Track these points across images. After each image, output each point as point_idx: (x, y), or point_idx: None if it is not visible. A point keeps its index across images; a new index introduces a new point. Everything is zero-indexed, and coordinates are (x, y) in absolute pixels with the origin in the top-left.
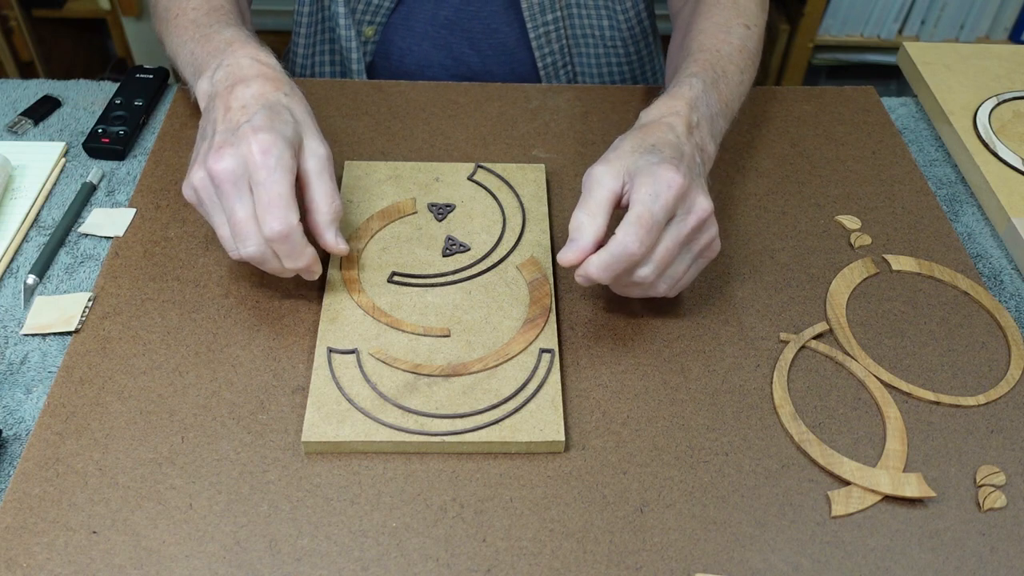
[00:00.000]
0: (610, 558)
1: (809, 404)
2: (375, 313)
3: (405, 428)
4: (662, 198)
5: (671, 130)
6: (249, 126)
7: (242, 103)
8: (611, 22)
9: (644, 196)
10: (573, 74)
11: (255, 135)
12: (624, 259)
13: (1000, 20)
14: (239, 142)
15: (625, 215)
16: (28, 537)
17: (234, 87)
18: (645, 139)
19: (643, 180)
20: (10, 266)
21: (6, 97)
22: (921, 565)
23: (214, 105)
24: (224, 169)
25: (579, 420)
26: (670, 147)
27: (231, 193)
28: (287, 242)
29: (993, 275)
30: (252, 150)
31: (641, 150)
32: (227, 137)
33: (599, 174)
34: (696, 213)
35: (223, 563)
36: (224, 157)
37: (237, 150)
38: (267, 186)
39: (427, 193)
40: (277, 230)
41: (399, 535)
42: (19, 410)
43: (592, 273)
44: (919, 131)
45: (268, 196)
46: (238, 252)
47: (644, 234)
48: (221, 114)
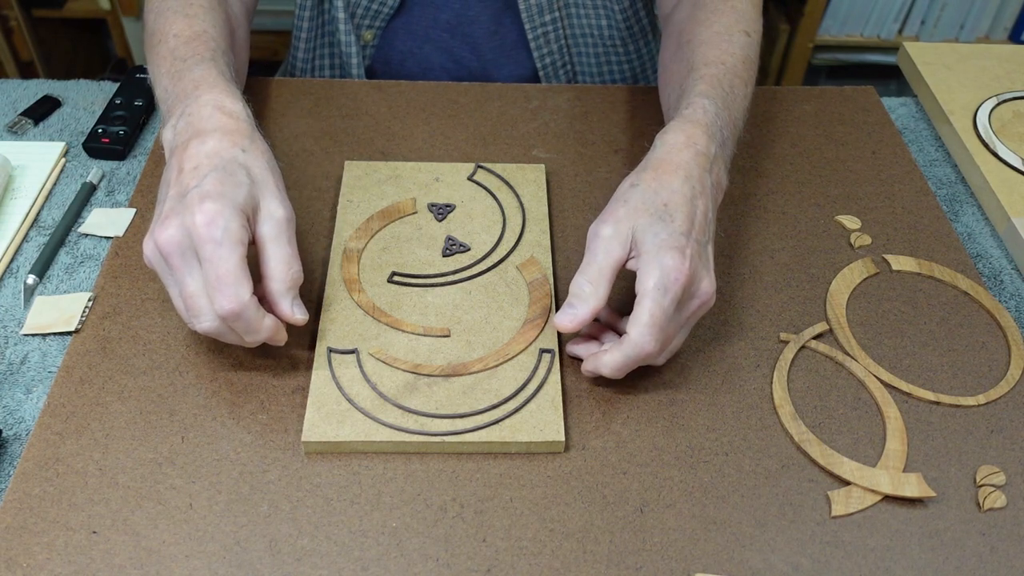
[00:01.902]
0: (610, 558)
1: (809, 404)
2: (375, 313)
3: (405, 428)
4: (671, 292)
5: (688, 178)
6: (197, 192)
7: (194, 164)
8: (609, 21)
9: (653, 291)
10: (573, 74)
11: (200, 204)
12: (640, 359)
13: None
14: (184, 211)
15: (636, 310)
16: (28, 537)
17: (189, 143)
18: (659, 192)
19: (651, 268)
20: (10, 266)
21: (6, 97)
22: (921, 565)
23: (171, 163)
24: (169, 240)
25: (579, 420)
26: (683, 211)
27: (179, 266)
28: (240, 319)
29: (993, 275)
30: (196, 221)
31: (651, 212)
32: (174, 204)
33: (606, 238)
34: (700, 298)
35: (223, 563)
36: (169, 227)
37: (182, 220)
38: (214, 262)
39: (427, 193)
40: (228, 309)
41: (399, 535)
42: (19, 410)
43: (605, 373)
44: (919, 131)
45: (216, 273)
46: (194, 328)
47: (659, 333)
48: (175, 175)
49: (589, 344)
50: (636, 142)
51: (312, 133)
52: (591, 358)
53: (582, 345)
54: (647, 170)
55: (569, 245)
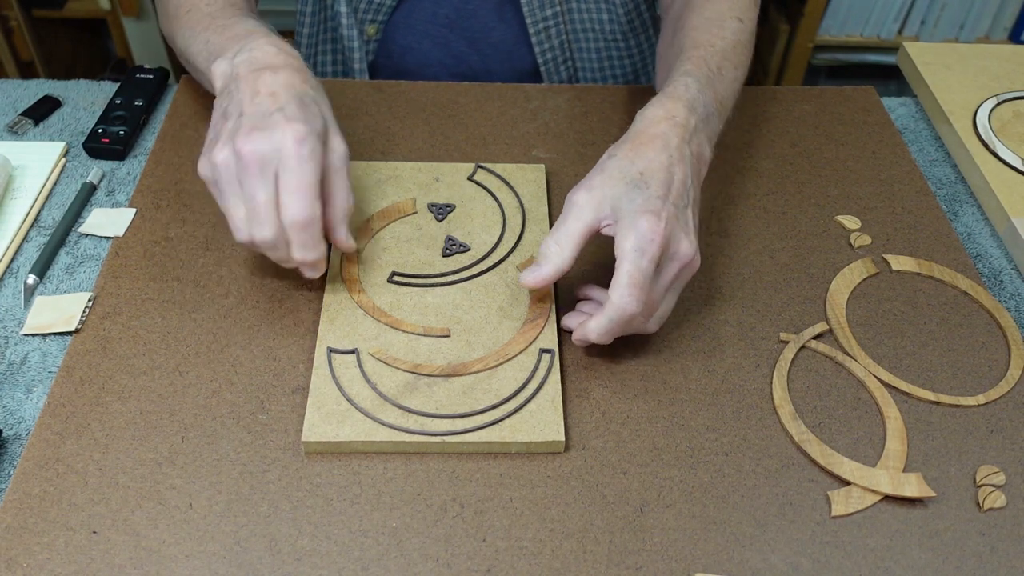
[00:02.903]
0: (610, 558)
1: (809, 404)
2: (375, 313)
3: (405, 428)
4: (648, 253)
5: (665, 147)
6: (282, 115)
7: (271, 90)
8: (611, 15)
9: (631, 253)
10: (573, 70)
11: (289, 124)
12: (623, 321)
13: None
14: (272, 129)
15: (616, 274)
16: (28, 537)
17: (261, 72)
18: (635, 162)
19: (627, 232)
20: (10, 266)
21: (6, 97)
22: (921, 565)
23: (237, 87)
24: (254, 151)
25: (579, 420)
26: (658, 177)
27: (255, 176)
28: (307, 231)
29: (993, 275)
30: (287, 138)
31: (627, 180)
32: (257, 122)
33: (578, 204)
34: (679, 260)
35: (223, 563)
36: (255, 140)
37: (270, 136)
38: (298, 175)
39: (427, 193)
40: (302, 216)
41: (399, 535)
42: (19, 410)
43: (593, 339)
44: (919, 131)
45: (298, 183)
46: (250, 236)
47: (639, 293)
48: (248, 96)
49: (579, 315)
50: None
51: None
52: (579, 327)
53: (572, 317)
54: (626, 142)
55: None
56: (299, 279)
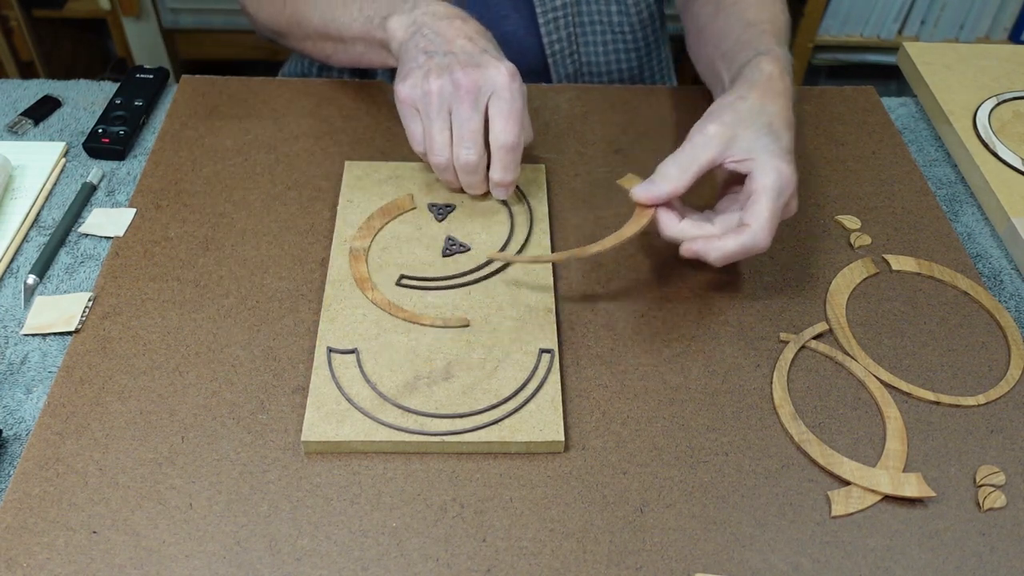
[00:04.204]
0: (610, 558)
1: (809, 404)
2: (391, 309)
3: (405, 428)
4: (783, 196)
5: (786, 105)
6: (489, 55)
7: (467, 35)
8: (620, 7)
9: (771, 191)
10: (579, 63)
11: (500, 63)
12: (752, 251)
13: (1000, 20)
14: (486, 66)
15: (754, 206)
16: (28, 537)
17: (451, 20)
18: (763, 112)
19: (768, 171)
20: (10, 266)
21: (6, 97)
22: (921, 565)
23: (433, 31)
24: (473, 82)
25: (579, 420)
26: (785, 130)
27: (470, 104)
28: (513, 153)
29: (993, 275)
30: (501, 73)
31: (760, 125)
32: (470, 59)
33: (709, 135)
34: (788, 213)
35: (223, 563)
36: (472, 74)
37: (485, 71)
38: (510, 103)
39: (427, 193)
40: (512, 140)
41: (399, 535)
42: (19, 410)
43: (712, 258)
44: (919, 131)
45: (510, 110)
46: (454, 158)
47: (772, 229)
48: (447, 39)
49: (702, 224)
50: (636, 142)
51: (312, 133)
52: (702, 240)
53: (690, 224)
54: (753, 88)
55: (569, 245)
56: (298, 279)
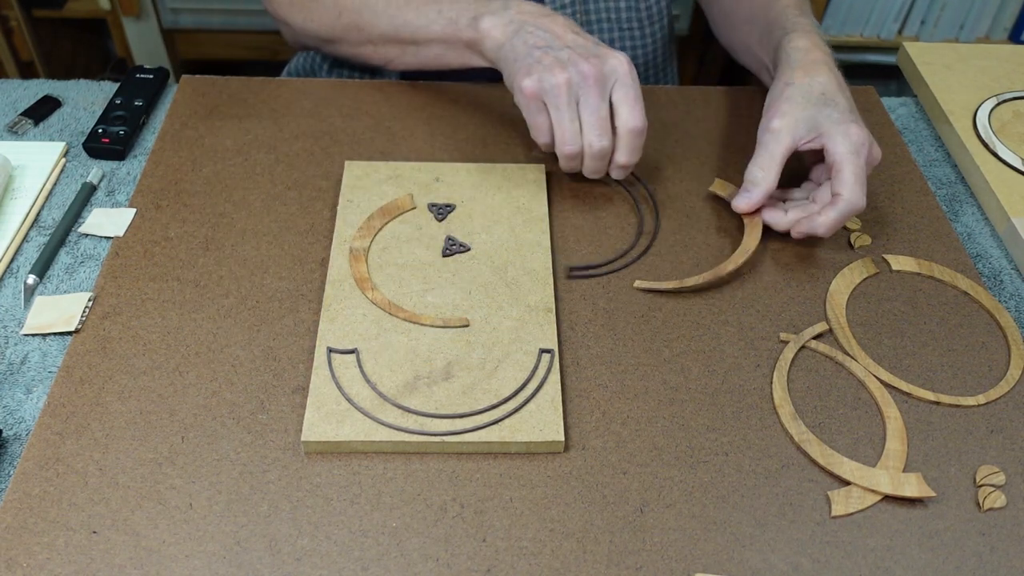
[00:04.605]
0: (610, 558)
1: (809, 404)
2: (391, 309)
3: (405, 428)
4: (862, 154)
5: (829, 71)
6: (601, 47)
7: (573, 29)
8: (628, 3)
9: (850, 155)
10: None
11: (616, 53)
12: (851, 214)
13: (1000, 20)
14: (605, 57)
15: (840, 174)
16: (28, 537)
17: (551, 16)
18: (812, 87)
19: (838, 139)
20: (10, 266)
21: (6, 97)
22: (921, 565)
23: (537, 27)
24: (598, 72)
25: (579, 420)
26: (838, 95)
27: (598, 94)
28: (640, 137)
29: (993, 275)
30: (622, 62)
31: (814, 101)
32: (587, 52)
33: (776, 130)
34: (873, 162)
35: (223, 563)
36: (595, 64)
37: (606, 61)
38: (634, 89)
39: (427, 193)
40: (639, 124)
41: (399, 535)
42: (19, 410)
43: (820, 232)
44: (919, 131)
45: (635, 96)
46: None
47: (863, 189)
48: (558, 34)
49: (805, 207)
50: None
51: (312, 133)
52: (804, 220)
53: (795, 212)
54: (795, 71)
55: (569, 245)
56: (298, 279)
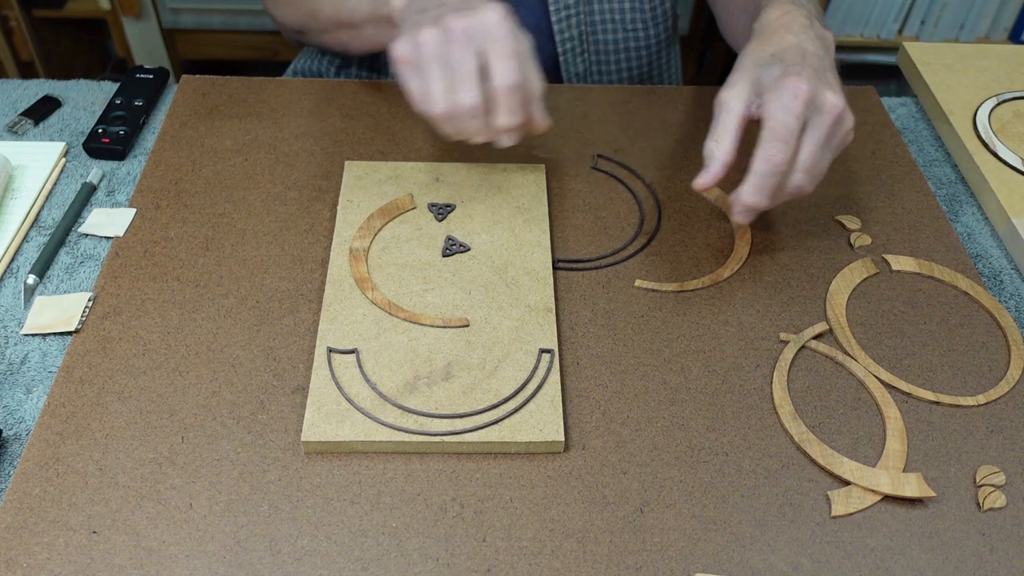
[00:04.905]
0: (610, 558)
1: (809, 404)
2: (391, 309)
3: (405, 428)
4: (792, 108)
5: (790, 31)
6: (488, 6)
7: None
8: (632, 3)
9: (774, 110)
10: (590, 61)
11: (491, 5)
12: (771, 173)
13: (1000, 20)
14: (476, 9)
15: (760, 133)
16: (28, 537)
17: None
18: (764, 49)
19: (771, 96)
20: (10, 266)
21: (6, 97)
22: (921, 565)
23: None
24: (463, 26)
25: (579, 420)
26: (791, 52)
27: (463, 48)
28: (516, 94)
29: (993, 275)
30: (493, 14)
31: (762, 63)
32: (461, 6)
33: (725, 99)
34: (828, 112)
35: (223, 563)
36: (463, 18)
37: (475, 14)
38: (507, 42)
39: (427, 193)
40: (512, 80)
41: (399, 535)
42: (19, 410)
43: (748, 200)
44: (919, 131)
45: (507, 49)
46: (453, 103)
47: (782, 145)
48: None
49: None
50: (636, 142)
51: (312, 133)
52: (732, 195)
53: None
54: (754, 39)
55: (569, 245)
56: (298, 279)
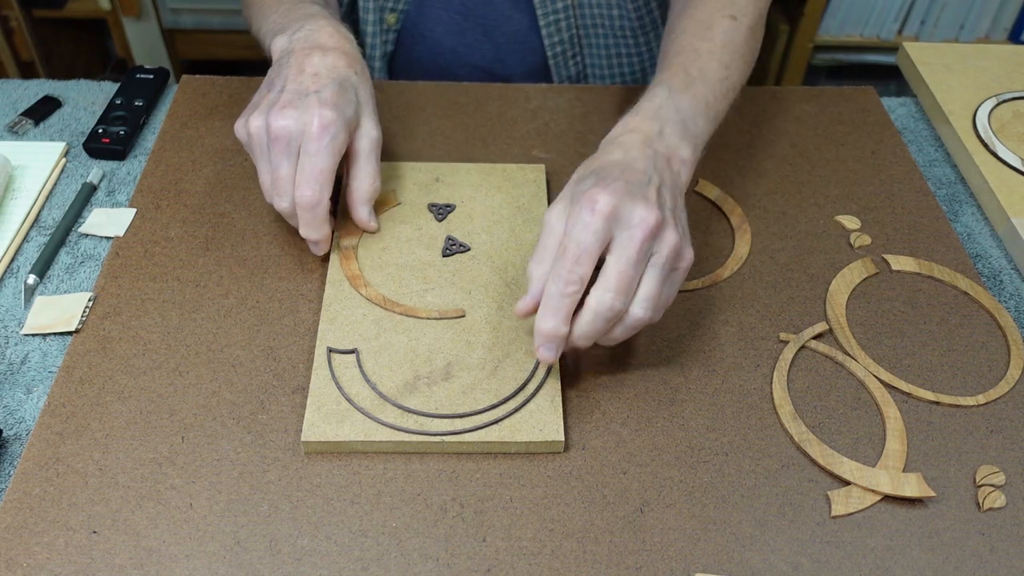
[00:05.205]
0: (610, 558)
1: (809, 404)
2: (386, 304)
3: (405, 428)
4: (582, 222)
5: (620, 147)
6: (317, 97)
7: (315, 71)
8: (620, 11)
9: (570, 227)
10: (582, 65)
11: (320, 109)
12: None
13: (1000, 20)
14: (304, 109)
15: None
16: (28, 537)
17: (312, 52)
18: (590, 165)
19: (573, 210)
20: (10, 266)
21: (6, 97)
22: (921, 565)
23: (288, 62)
24: (283, 127)
25: (579, 420)
26: (613, 167)
27: (281, 151)
28: (312, 212)
29: (993, 275)
30: (313, 122)
31: (582, 179)
32: (294, 99)
33: (548, 220)
34: (638, 226)
35: (223, 563)
36: (286, 117)
37: (300, 115)
38: (314, 158)
39: (427, 193)
40: (307, 198)
41: (399, 535)
42: (19, 410)
43: (546, 328)
44: (919, 131)
45: (311, 167)
46: (271, 202)
47: (570, 263)
48: (293, 73)
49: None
50: None
51: None
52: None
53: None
54: (586, 161)
55: None
56: (298, 279)
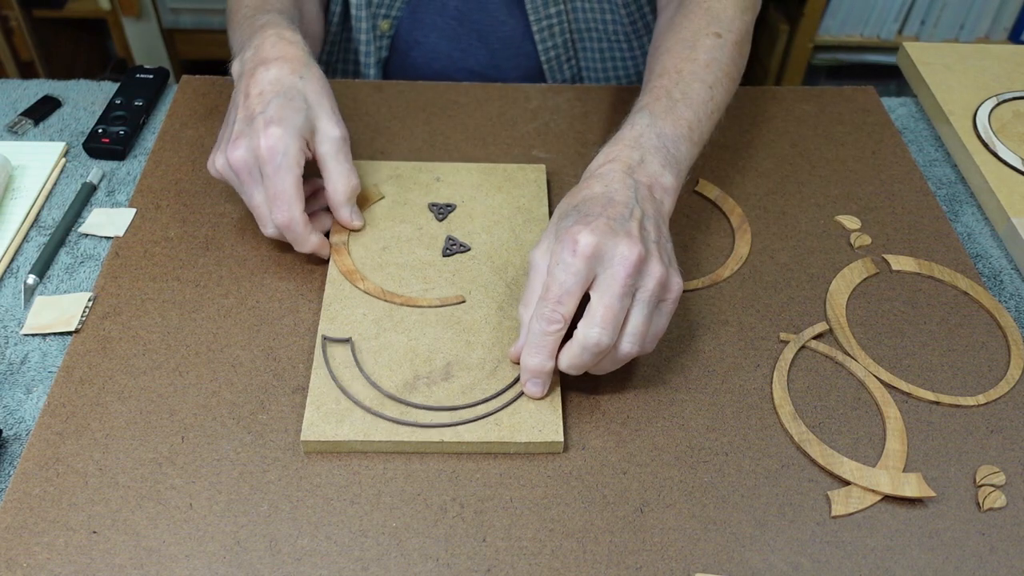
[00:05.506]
0: (610, 558)
1: (809, 404)
2: (386, 296)
3: (404, 421)
4: (563, 262)
5: (601, 180)
6: (263, 118)
7: (259, 90)
8: (613, 16)
9: (551, 267)
10: (577, 69)
11: (266, 129)
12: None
13: (1000, 20)
14: (252, 134)
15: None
16: (28, 537)
17: (256, 69)
18: (572, 200)
19: (555, 248)
20: (10, 266)
21: (6, 97)
22: (921, 565)
23: (239, 87)
24: (239, 159)
25: (579, 420)
26: (594, 202)
27: (247, 181)
28: (292, 230)
29: (993, 275)
30: (260, 144)
31: (564, 215)
32: (243, 128)
33: (533, 259)
34: (620, 264)
35: (223, 563)
36: (239, 147)
37: (250, 142)
38: (274, 179)
39: (427, 193)
40: (281, 220)
41: (399, 535)
42: (19, 410)
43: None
44: (919, 131)
45: (274, 191)
46: (263, 230)
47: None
48: (242, 99)
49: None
50: None
51: None
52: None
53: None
54: (568, 194)
55: None
56: (298, 279)
